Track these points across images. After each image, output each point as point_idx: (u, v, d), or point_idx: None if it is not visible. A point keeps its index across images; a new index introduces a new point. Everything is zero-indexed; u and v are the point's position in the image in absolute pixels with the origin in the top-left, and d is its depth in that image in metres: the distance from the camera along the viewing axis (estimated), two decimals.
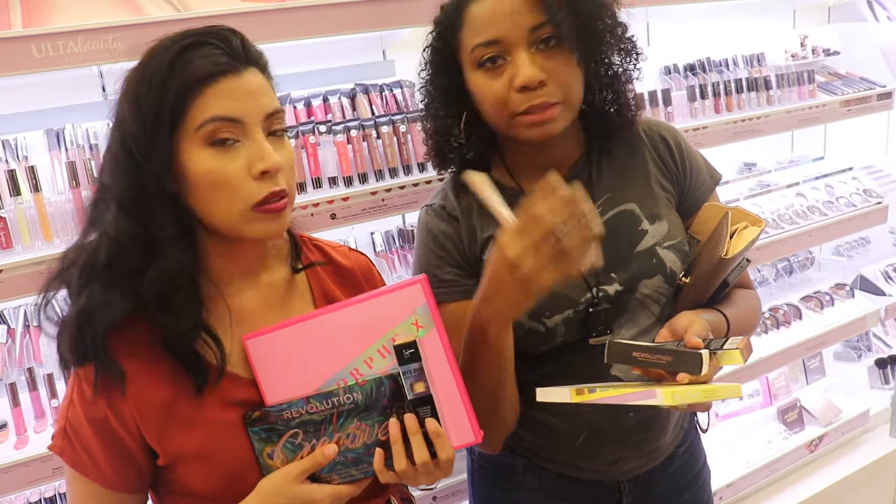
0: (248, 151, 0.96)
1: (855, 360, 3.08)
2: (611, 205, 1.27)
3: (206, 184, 0.95)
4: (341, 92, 1.88)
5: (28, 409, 1.65)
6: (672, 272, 1.25)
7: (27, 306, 1.70)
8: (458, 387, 1.03)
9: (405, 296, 1.01)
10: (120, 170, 0.96)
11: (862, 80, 2.74)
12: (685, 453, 1.42)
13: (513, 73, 1.13)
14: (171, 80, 0.92)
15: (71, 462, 1.02)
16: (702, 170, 1.35)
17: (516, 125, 1.16)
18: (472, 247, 1.28)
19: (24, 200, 1.54)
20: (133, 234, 0.95)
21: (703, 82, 2.36)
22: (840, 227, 2.62)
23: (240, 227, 0.98)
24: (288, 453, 1.04)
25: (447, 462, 1.02)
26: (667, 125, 1.36)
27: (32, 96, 1.70)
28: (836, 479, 2.66)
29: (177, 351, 0.99)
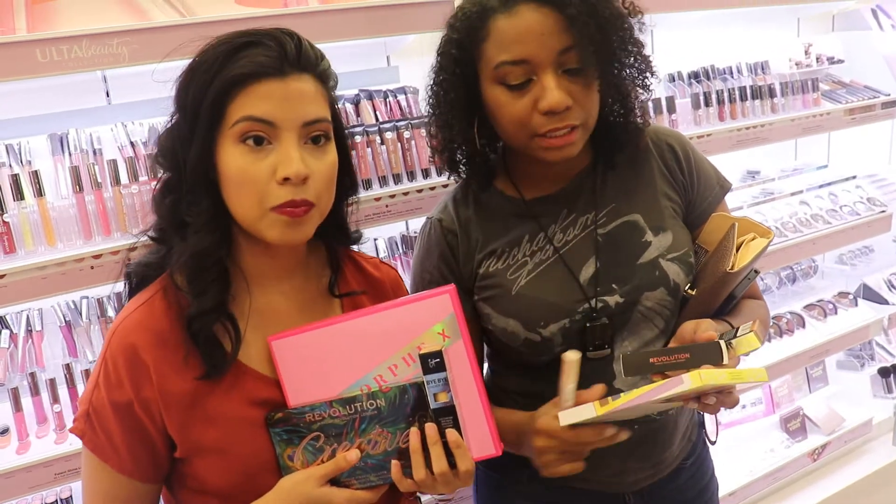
0: (276, 155, 0.98)
1: (858, 368, 3.07)
2: (614, 216, 1.26)
3: (234, 179, 0.99)
4: (345, 98, 1.88)
5: (30, 414, 1.64)
6: (675, 284, 1.23)
7: (30, 311, 1.70)
8: (480, 399, 1.03)
9: (433, 305, 1.02)
10: (165, 156, 1.03)
11: (866, 89, 2.74)
12: (693, 466, 1.40)
13: (538, 94, 1.11)
14: (217, 76, 0.96)
15: (90, 445, 1.03)
16: (711, 178, 1.33)
17: (535, 146, 1.15)
18: (467, 263, 1.28)
19: (28, 205, 1.53)
20: (171, 215, 1.03)
21: (708, 90, 2.35)
22: (844, 236, 2.61)
23: (258, 226, 1.01)
24: (308, 456, 1.05)
25: (466, 473, 1.03)
26: (675, 133, 1.34)
27: (36, 101, 1.71)
28: (838, 489, 2.64)
29: (195, 330, 1.01)
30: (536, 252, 1.25)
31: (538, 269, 1.24)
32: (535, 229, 1.26)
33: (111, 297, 1.68)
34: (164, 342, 1.02)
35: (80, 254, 1.50)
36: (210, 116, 0.97)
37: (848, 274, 3.01)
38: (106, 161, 1.60)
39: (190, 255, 1.01)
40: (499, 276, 1.25)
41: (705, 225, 1.29)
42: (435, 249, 1.30)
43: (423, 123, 1.83)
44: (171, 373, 1.01)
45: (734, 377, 0.98)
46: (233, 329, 1.04)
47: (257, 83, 0.96)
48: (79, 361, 1.68)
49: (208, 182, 1.00)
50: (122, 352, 1.01)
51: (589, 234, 1.25)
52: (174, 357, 1.02)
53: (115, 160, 1.59)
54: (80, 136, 1.68)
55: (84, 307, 1.70)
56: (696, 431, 1.43)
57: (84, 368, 1.66)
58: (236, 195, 1.00)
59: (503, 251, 1.26)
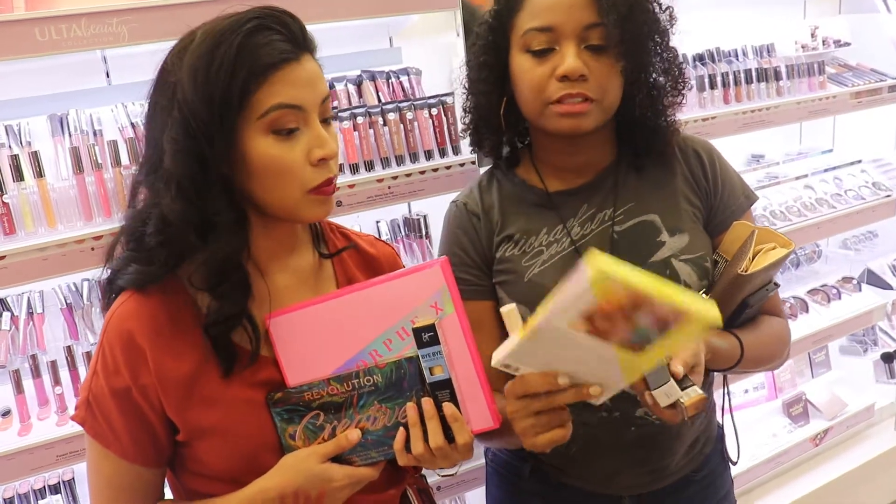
0: (308, 138, 0.98)
1: (861, 354, 3.07)
2: (632, 215, 1.26)
3: (268, 169, 0.97)
4: (347, 79, 1.87)
5: (31, 396, 1.64)
6: (686, 285, 1.21)
7: (31, 293, 1.69)
8: (477, 371, 1.02)
9: (425, 278, 1.01)
10: (181, 152, 0.95)
11: (873, 72, 2.71)
12: (704, 480, 1.37)
13: (557, 62, 1.15)
14: (239, 67, 0.93)
15: (92, 432, 1.03)
16: (735, 188, 1.33)
17: (548, 114, 1.18)
18: (489, 246, 1.30)
19: (28, 186, 1.52)
20: (188, 217, 0.96)
21: (713, 72, 2.33)
22: (848, 220, 2.60)
23: (296, 211, 1.01)
24: (309, 434, 1.05)
25: (465, 446, 1.03)
26: (703, 141, 1.35)
27: (36, 81, 1.69)
28: (840, 473, 2.65)
29: (216, 335, 1.00)
30: (553, 243, 1.26)
31: (553, 260, 1.25)
32: (554, 221, 1.28)
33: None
34: (161, 328, 1.00)
35: (81, 235, 1.49)
36: (238, 108, 0.94)
37: (852, 259, 3.00)
38: (106, 142, 1.59)
39: (216, 261, 0.98)
40: (514, 262, 1.27)
41: (726, 234, 1.27)
42: (459, 231, 1.32)
43: (426, 104, 1.82)
44: (168, 358, 1.00)
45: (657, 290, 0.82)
46: (251, 329, 1.03)
47: (280, 70, 0.95)
48: (80, 344, 1.68)
49: (228, 177, 0.97)
50: (119, 338, 1.00)
51: (605, 230, 1.25)
52: (173, 342, 1.00)
53: (115, 141, 1.58)
54: (80, 116, 1.66)
55: (85, 289, 1.69)
56: (713, 445, 1.40)
57: (85, 351, 1.66)
58: (271, 184, 0.98)
59: (520, 237, 1.28)
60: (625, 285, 0.82)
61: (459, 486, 1.99)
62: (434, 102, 1.83)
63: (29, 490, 1.69)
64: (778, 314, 1.35)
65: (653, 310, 0.84)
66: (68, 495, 1.72)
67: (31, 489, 1.69)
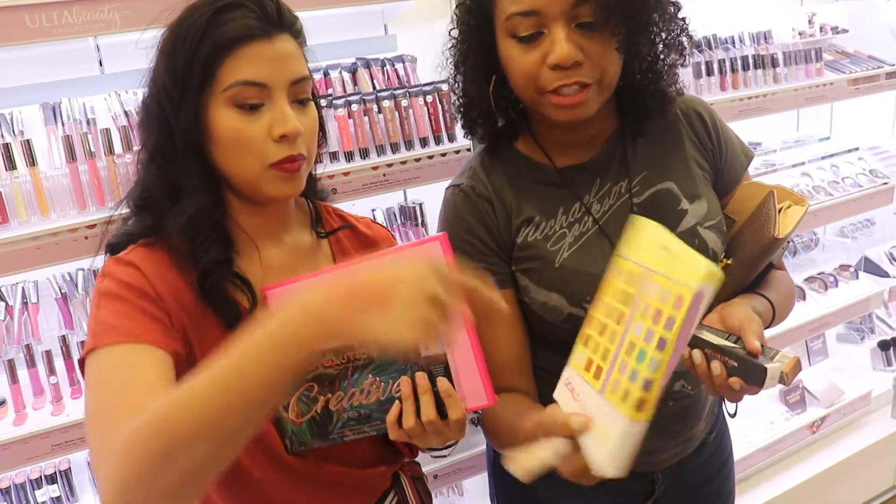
0: (271, 115, 0.99)
1: (858, 341, 3.07)
2: (648, 184, 1.21)
3: (229, 141, 0.99)
4: (342, 66, 1.86)
5: (26, 385, 1.63)
6: (714, 253, 1.18)
7: (25, 283, 1.69)
8: (473, 349, 1.01)
9: (423, 252, 0.99)
10: (152, 122, 1.02)
11: (870, 59, 2.70)
12: (715, 440, 1.38)
13: (547, 48, 1.06)
14: (204, 40, 0.96)
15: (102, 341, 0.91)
16: (736, 147, 1.30)
17: (544, 104, 1.11)
18: (506, 230, 1.22)
19: (20, 175, 1.51)
20: (160, 180, 1.02)
21: (709, 59, 2.32)
22: (846, 208, 2.59)
23: (256, 184, 1.02)
24: (303, 406, 1.05)
25: (457, 423, 1.02)
26: (700, 101, 1.30)
27: (29, 70, 1.68)
28: (837, 461, 2.66)
29: (212, 284, 1.01)
30: (574, 223, 1.20)
31: (579, 242, 1.18)
32: (568, 199, 1.21)
33: None
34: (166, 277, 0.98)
35: (74, 224, 1.48)
36: (200, 81, 0.97)
37: (849, 247, 3.00)
38: (99, 130, 1.58)
39: (189, 215, 1.00)
40: (538, 248, 1.19)
41: (735, 193, 1.24)
42: (470, 218, 1.21)
43: (421, 92, 1.81)
44: (179, 290, 0.99)
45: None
46: (244, 285, 1.04)
47: (246, 46, 0.97)
48: (75, 333, 1.67)
49: (197, 145, 1.01)
50: (127, 274, 0.96)
51: (624, 204, 1.20)
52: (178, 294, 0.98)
53: (108, 129, 1.57)
54: (73, 105, 1.65)
55: (80, 279, 1.69)
56: (718, 404, 1.40)
57: (80, 340, 1.65)
58: (233, 156, 1.01)
59: (540, 220, 1.20)
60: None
61: (457, 474, 1.99)
62: (429, 90, 1.82)
63: (25, 480, 1.69)
64: (780, 267, 1.34)
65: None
66: (65, 485, 1.72)
67: (27, 479, 1.69)
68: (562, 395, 1.00)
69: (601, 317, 0.95)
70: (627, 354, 0.87)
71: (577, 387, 0.96)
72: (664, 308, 0.83)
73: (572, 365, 0.99)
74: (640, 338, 0.85)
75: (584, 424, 0.90)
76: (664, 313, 0.83)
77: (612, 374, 0.88)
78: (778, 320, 1.22)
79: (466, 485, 2.33)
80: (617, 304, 0.92)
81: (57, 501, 1.72)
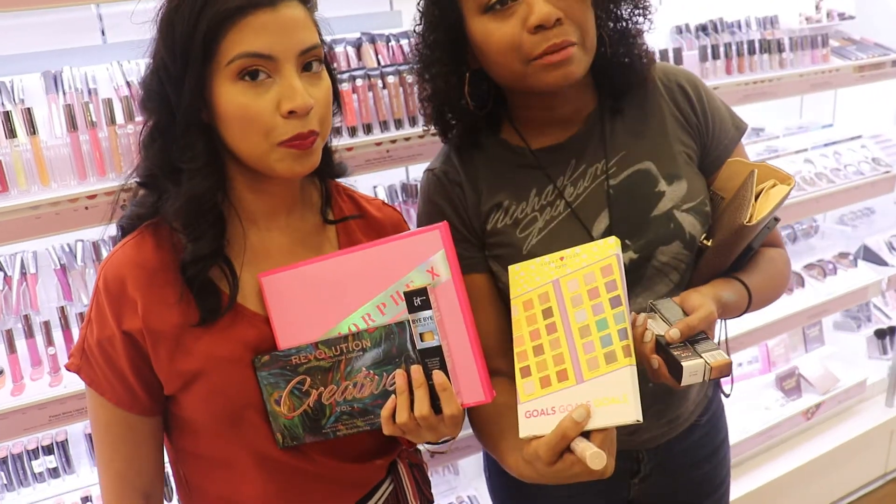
0: (279, 88, 0.94)
1: (854, 329, 3.08)
2: (626, 164, 1.19)
3: (236, 118, 0.95)
4: (347, 41, 1.84)
5: (24, 356, 1.63)
6: (691, 237, 1.17)
7: (24, 253, 1.67)
8: (471, 342, 0.98)
9: (422, 241, 0.97)
10: (153, 99, 0.98)
11: (876, 46, 2.68)
12: (707, 423, 1.36)
13: (525, 13, 1.04)
14: (204, 10, 0.91)
15: (87, 379, 1.04)
16: (725, 120, 1.26)
17: (532, 72, 1.07)
18: (476, 216, 1.22)
19: (21, 143, 1.50)
20: (161, 161, 0.99)
21: (716, 43, 2.31)
22: (847, 195, 2.59)
23: (266, 162, 0.98)
24: (295, 400, 1.03)
25: (452, 419, 0.98)
26: (685, 72, 1.27)
27: (30, 38, 1.66)
28: (831, 447, 2.68)
29: (191, 276, 0.99)
30: (546, 207, 1.19)
31: (550, 227, 1.18)
32: (543, 181, 1.20)
33: (106, 240, 1.65)
34: (154, 277, 1.00)
35: (75, 194, 1.46)
36: (202, 55, 0.92)
37: (848, 235, 3.01)
38: (101, 100, 1.56)
39: (185, 200, 0.97)
40: (508, 234, 1.19)
41: (721, 171, 1.22)
42: (442, 202, 1.23)
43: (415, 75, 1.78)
44: (159, 308, 0.99)
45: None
46: (230, 273, 1.02)
47: (250, 16, 0.91)
48: (73, 305, 1.66)
49: (201, 123, 0.97)
50: (110, 284, 0.99)
51: (600, 186, 1.18)
52: (163, 292, 1.00)
53: (110, 99, 1.55)
54: (74, 74, 1.63)
55: (79, 250, 1.68)
56: (713, 386, 1.38)
57: (79, 312, 1.64)
58: (240, 133, 0.96)
59: (510, 204, 1.20)
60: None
61: (453, 454, 1.99)
62: None
63: (22, 450, 1.69)
64: (777, 244, 1.31)
65: None
66: (61, 456, 1.72)
67: (24, 449, 1.69)
68: (533, 426, 0.98)
69: (528, 345, 1.00)
70: (584, 337, 0.96)
71: (548, 403, 0.97)
72: (597, 284, 0.96)
73: (524, 398, 0.99)
74: (588, 318, 0.96)
75: (587, 409, 0.93)
76: (600, 286, 0.96)
77: (579, 362, 0.95)
78: (759, 305, 1.20)
79: (462, 464, 2.34)
80: (538, 325, 1.00)
81: (53, 472, 1.72)
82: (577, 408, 0.93)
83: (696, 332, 0.99)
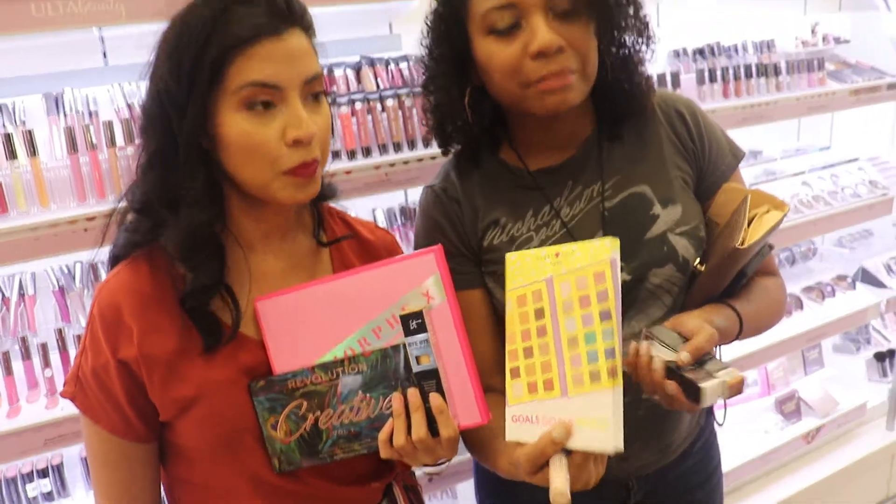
0: (284, 117, 0.94)
1: (854, 352, 3.08)
2: (621, 188, 1.20)
3: (240, 146, 0.94)
4: (346, 64, 1.85)
5: (21, 378, 1.62)
6: (685, 260, 1.18)
7: (22, 274, 1.67)
8: (467, 365, 0.98)
9: (417, 265, 0.98)
10: (153, 125, 0.96)
11: (872, 70, 2.71)
12: (700, 451, 1.35)
13: (527, 39, 1.06)
14: (212, 39, 0.90)
15: (82, 407, 1.03)
16: (723, 146, 1.27)
17: (530, 96, 1.09)
18: (472, 232, 1.23)
19: (21, 165, 1.50)
20: (159, 188, 0.98)
21: (713, 66, 2.33)
22: (844, 218, 2.59)
23: (269, 191, 0.98)
24: (291, 424, 1.02)
25: (449, 441, 0.98)
26: (683, 98, 1.29)
27: (32, 60, 1.67)
28: (831, 471, 2.65)
29: (192, 307, 0.99)
30: (542, 227, 1.20)
31: (545, 246, 1.17)
32: (540, 202, 1.22)
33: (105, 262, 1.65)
34: (150, 303, 0.99)
35: (74, 216, 1.47)
36: (209, 81, 0.91)
37: (847, 257, 3.01)
38: (102, 122, 1.57)
39: (185, 231, 0.96)
40: (503, 251, 1.18)
41: (716, 196, 1.22)
42: (441, 218, 1.24)
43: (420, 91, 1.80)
44: (156, 334, 0.99)
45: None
46: (232, 302, 1.02)
47: (256, 45, 0.91)
48: (71, 326, 1.66)
49: (202, 150, 0.96)
50: (106, 312, 0.99)
51: (595, 207, 1.20)
52: (160, 318, 0.99)
53: (110, 121, 1.56)
54: (75, 96, 1.64)
55: (77, 271, 1.68)
56: (705, 414, 1.38)
57: (76, 333, 1.64)
58: (244, 161, 0.95)
59: (507, 222, 1.21)
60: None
61: (451, 478, 1.98)
62: None
63: (17, 474, 1.68)
64: (772, 273, 1.31)
65: None
66: (56, 480, 1.70)
67: (18, 473, 1.68)
68: (519, 431, 0.98)
69: (520, 345, 0.98)
70: (572, 349, 0.93)
71: (534, 410, 0.97)
72: (588, 291, 0.92)
73: (512, 402, 0.99)
74: (577, 329, 0.93)
75: (567, 429, 0.92)
76: (591, 294, 0.92)
77: (565, 374, 0.94)
78: (750, 332, 1.20)
79: (459, 488, 2.32)
80: (530, 325, 0.98)
81: (48, 496, 1.70)
82: (557, 425, 0.93)
83: (704, 353, 1.00)
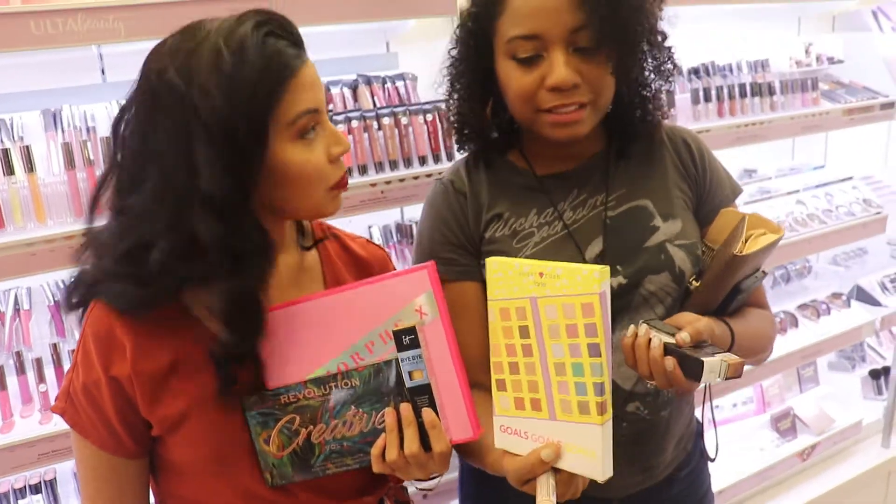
0: (324, 137, 0.99)
1: (849, 370, 3.08)
2: (625, 200, 1.25)
3: (299, 175, 0.97)
4: (343, 82, 1.86)
5: (15, 393, 1.62)
6: (681, 271, 1.21)
7: (18, 289, 1.67)
8: (459, 380, 1.00)
9: (410, 281, 0.99)
10: (218, 170, 0.88)
11: (865, 90, 2.73)
12: (687, 478, 1.36)
13: (546, 71, 1.11)
14: (266, 75, 0.90)
15: (71, 422, 1.03)
16: (723, 179, 1.32)
17: (540, 122, 1.15)
18: (476, 225, 1.27)
19: (18, 180, 1.51)
20: (227, 241, 0.91)
21: (707, 86, 2.34)
22: (839, 236, 2.61)
23: (319, 209, 1.02)
24: (284, 439, 1.03)
25: (441, 456, 1.00)
26: (690, 132, 1.34)
27: (31, 77, 1.68)
28: (827, 489, 2.65)
29: (218, 360, 0.98)
30: (544, 226, 1.24)
31: (545, 242, 1.22)
32: (544, 203, 1.25)
33: None
34: (143, 321, 0.98)
35: (70, 231, 1.47)
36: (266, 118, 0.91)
37: (842, 275, 3.02)
38: (99, 139, 1.58)
39: (242, 292, 0.94)
40: (503, 243, 1.24)
41: (713, 222, 1.25)
42: (445, 210, 1.28)
43: (421, 110, 1.81)
44: (149, 350, 0.99)
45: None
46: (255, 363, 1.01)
47: (297, 76, 0.93)
48: (66, 341, 1.66)
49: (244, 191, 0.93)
50: (99, 328, 0.99)
51: (598, 215, 1.24)
52: (152, 335, 0.99)
53: (108, 138, 1.57)
54: (73, 112, 1.65)
55: None
56: (693, 441, 1.38)
57: (71, 349, 1.64)
58: (300, 189, 0.98)
59: (510, 217, 1.25)
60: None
61: (446, 495, 1.98)
62: (429, 108, 1.82)
63: (9, 489, 1.67)
64: (763, 306, 1.34)
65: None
66: (49, 495, 1.69)
67: (11, 488, 1.67)
68: (507, 442, 1.02)
69: (505, 359, 0.99)
70: (560, 375, 0.94)
71: (522, 426, 0.99)
72: (576, 321, 0.91)
73: (500, 412, 1.01)
74: (564, 356, 0.93)
75: (556, 451, 0.95)
76: (579, 325, 0.91)
77: (553, 399, 0.95)
78: (741, 353, 1.17)
79: None
80: (515, 341, 0.98)
81: None
82: (547, 447, 0.95)
83: (702, 337, 1.03)
